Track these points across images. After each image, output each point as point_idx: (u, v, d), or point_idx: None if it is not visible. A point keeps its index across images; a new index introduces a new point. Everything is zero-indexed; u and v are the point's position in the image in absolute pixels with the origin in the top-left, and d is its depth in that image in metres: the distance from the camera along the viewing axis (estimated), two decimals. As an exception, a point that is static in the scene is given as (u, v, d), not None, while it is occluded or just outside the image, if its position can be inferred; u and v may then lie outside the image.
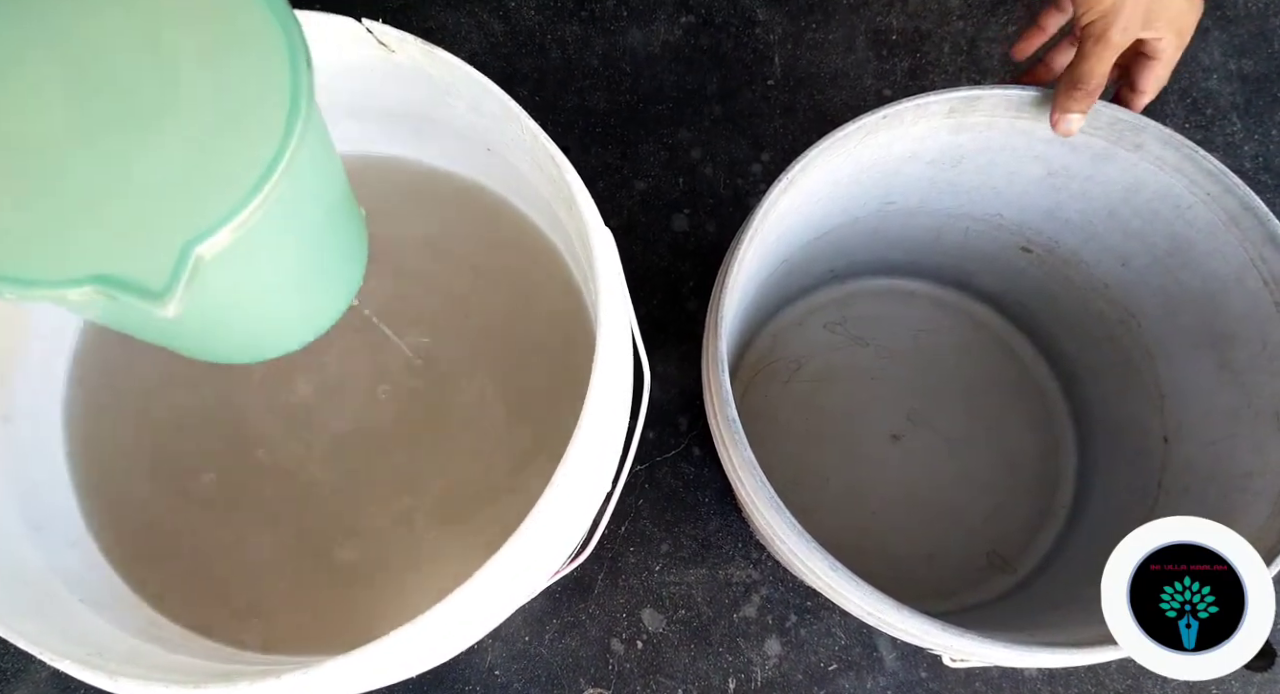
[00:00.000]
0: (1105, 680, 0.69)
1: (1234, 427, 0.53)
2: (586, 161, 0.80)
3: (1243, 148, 0.81)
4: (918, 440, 0.71)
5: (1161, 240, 0.57)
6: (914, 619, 0.42)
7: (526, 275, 0.57)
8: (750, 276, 0.55)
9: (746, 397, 0.72)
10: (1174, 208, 0.54)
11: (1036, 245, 0.65)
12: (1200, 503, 0.54)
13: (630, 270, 0.49)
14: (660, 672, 0.69)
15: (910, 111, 0.51)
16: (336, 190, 0.33)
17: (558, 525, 0.41)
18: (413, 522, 0.53)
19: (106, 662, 0.35)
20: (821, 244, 0.66)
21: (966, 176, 0.59)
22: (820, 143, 0.50)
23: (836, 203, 0.60)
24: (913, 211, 0.65)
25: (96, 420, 0.51)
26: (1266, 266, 0.51)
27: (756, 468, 0.46)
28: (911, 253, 0.72)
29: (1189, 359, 0.58)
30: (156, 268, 0.24)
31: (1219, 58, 0.84)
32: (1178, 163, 0.51)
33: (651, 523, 0.72)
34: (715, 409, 0.49)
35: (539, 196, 0.50)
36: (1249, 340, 0.52)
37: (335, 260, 0.35)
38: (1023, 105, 0.52)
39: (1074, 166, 0.56)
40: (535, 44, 0.83)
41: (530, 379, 0.57)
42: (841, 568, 0.43)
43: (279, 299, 0.32)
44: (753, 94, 0.82)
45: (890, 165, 0.57)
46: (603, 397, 0.39)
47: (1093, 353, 0.69)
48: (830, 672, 0.69)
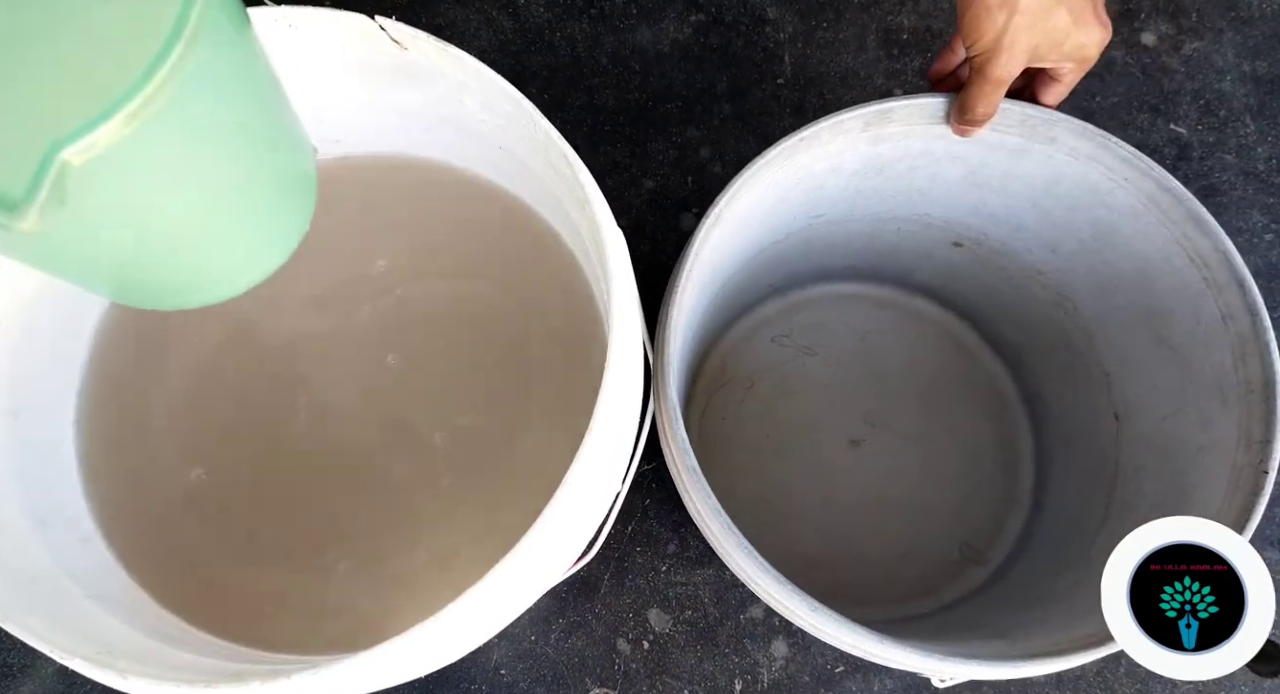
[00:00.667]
0: (1114, 685, 0.68)
1: (1180, 402, 0.54)
2: (595, 160, 0.80)
3: (1256, 150, 0.81)
4: (877, 442, 0.71)
5: (1086, 226, 0.58)
6: (897, 649, 0.42)
7: (537, 274, 0.57)
8: (691, 310, 0.56)
9: (704, 420, 0.71)
10: (1094, 194, 0.55)
11: (967, 240, 0.66)
12: (1157, 481, 0.55)
13: (638, 270, 0.49)
14: (666, 672, 0.69)
15: (827, 131, 0.51)
16: (259, 109, 0.30)
17: (569, 526, 0.41)
18: (423, 522, 0.53)
19: (117, 660, 0.35)
20: (757, 263, 0.66)
21: (890, 183, 0.60)
22: (742, 173, 0.50)
23: (767, 224, 0.60)
24: (842, 220, 0.65)
25: (108, 417, 0.51)
26: (1190, 244, 0.51)
27: (723, 514, 0.45)
28: (848, 258, 0.72)
29: (1127, 337, 0.59)
30: (16, 173, 0.21)
31: (1233, 59, 0.83)
32: (1092, 152, 0.52)
33: (658, 522, 0.72)
34: (674, 458, 0.49)
35: (551, 196, 0.50)
36: (1183, 316, 0.54)
37: (259, 192, 0.31)
38: (935, 112, 0.52)
39: (992, 163, 0.57)
40: (544, 41, 0.83)
41: (541, 377, 0.56)
42: (822, 608, 0.43)
43: (184, 229, 0.29)
44: (762, 93, 0.82)
45: (814, 181, 0.58)
46: (616, 397, 0.38)
47: (1035, 337, 0.70)
48: (837, 674, 0.69)
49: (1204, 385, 0.52)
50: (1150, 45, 0.84)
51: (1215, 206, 0.76)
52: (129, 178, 0.24)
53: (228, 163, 0.29)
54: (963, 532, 0.69)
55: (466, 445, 0.55)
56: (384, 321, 0.56)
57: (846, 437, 0.71)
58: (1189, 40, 0.84)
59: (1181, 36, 0.84)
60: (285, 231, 0.34)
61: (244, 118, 0.29)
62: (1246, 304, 0.49)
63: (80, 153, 0.22)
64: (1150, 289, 0.56)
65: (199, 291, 0.33)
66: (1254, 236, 0.79)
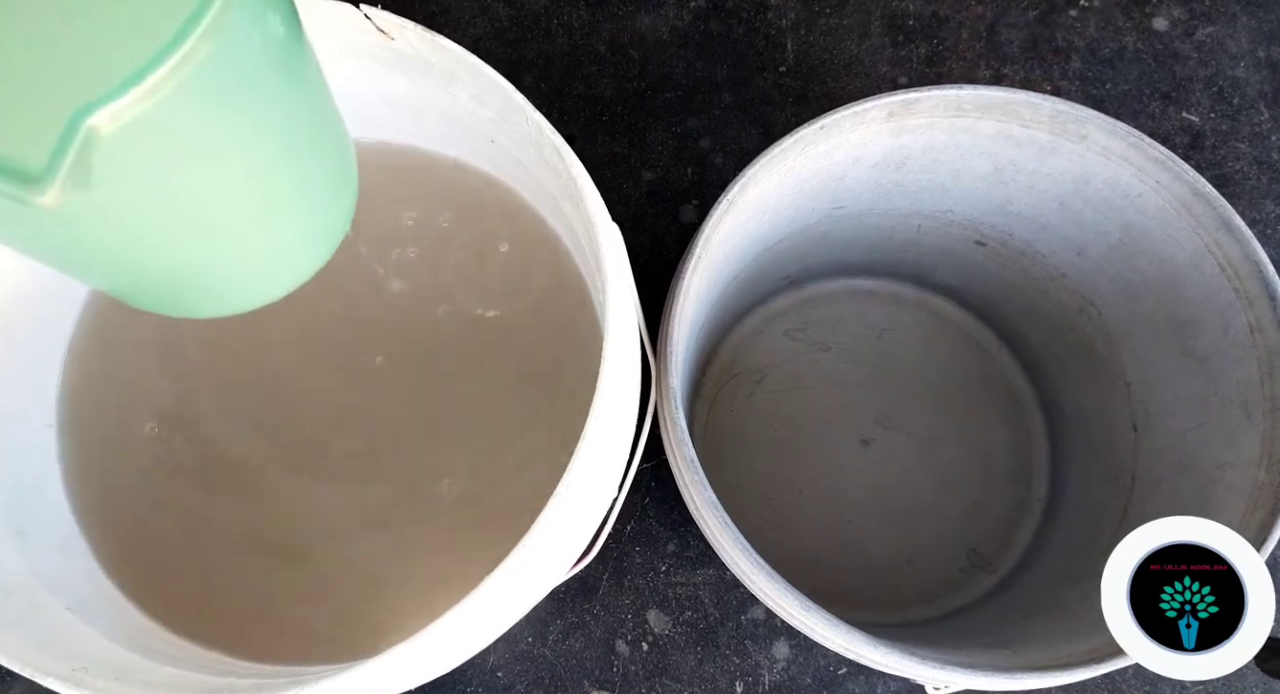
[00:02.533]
0: (1122, 687, 0.67)
1: (1203, 415, 0.53)
2: (593, 151, 0.78)
3: (1270, 138, 0.79)
4: (888, 443, 0.70)
5: (1115, 229, 0.56)
6: (892, 654, 0.41)
7: (531, 270, 0.55)
8: (700, 299, 0.54)
9: (711, 414, 0.70)
10: (1124, 197, 0.53)
11: (990, 239, 0.65)
12: (1175, 496, 0.53)
13: (637, 263, 0.47)
14: (666, 674, 0.67)
15: (848, 119, 0.50)
16: (302, 92, 0.27)
17: (565, 530, 0.40)
18: (416, 527, 0.52)
19: (94, 679, 0.33)
20: (772, 254, 0.65)
21: (913, 177, 0.59)
22: (758, 159, 0.48)
23: (783, 214, 0.59)
24: (862, 214, 0.64)
25: (88, 420, 0.50)
26: (1221, 252, 0.50)
27: (719, 507, 0.44)
28: (866, 253, 0.70)
29: (1152, 346, 0.58)
30: (37, 142, 0.19)
31: (1247, 45, 0.81)
32: (1124, 152, 0.51)
33: (658, 522, 0.70)
34: (674, 449, 0.47)
35: (544, 191, 0.49)
36: (1210, 326, 0.52)
37: (301, 182, 0.28)
38: (963, 104, 0.50)
39: (1020, 160, 0.55)
40: (541, 29, 0.81)
41: (536, 374, 0.55)
42: (815, 607, 0.42)
43: (220, 218, 0.26)
44: (764, 81, 0.80)
45: (834, 172, 0.56)
46: (611, 397, 0.37)
47: (1056, 342, 0.68)
48: (840, 675, 0.67)
49: (1229, 400, 0.50)
50: (1162, 31, 0.82)
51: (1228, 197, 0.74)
52: (161, 151, 0.22)
53: (269, 143, 0.26)
54: (971, 538, 0.67)
55: (461, 446, 0.53)
56: (374, 321, 0.55)
57: (857, 436, 0.70)
58: (1202, 25, 0.82)
59: (1194, 21, 0.82)
60: (324, 231, 0.31)
61: (288, 93, 0.26)
62: (1277, 317, 0.47)
63: (110, 119, 0.20)
64: (1178, 297, 0.54)
65: (228, 294, 0.30)
66: (1268, 227, 0.78)
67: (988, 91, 0.50)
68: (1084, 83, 0.81)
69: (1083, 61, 0.81)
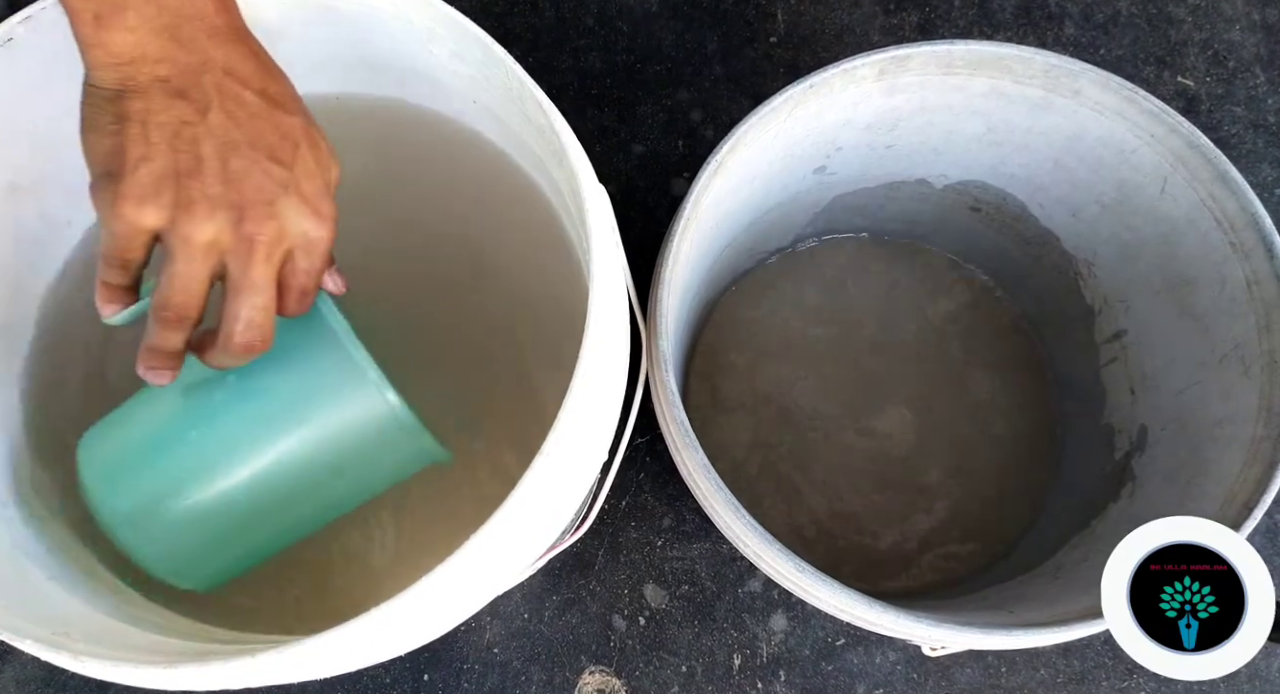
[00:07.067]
0: (1120, 652, 0.67)
1: (1200, 373, 0.52)
2: (582, 125, 0.77)
3: (1266, 101, 0.78)
4: (885, 413, 0.69)
5: (1109, 188, 0.55)
6: (887, 613, 0.41)
7: (520, 231, 0.54)
8: (691, 266, 0.54)
9: (704, 387, 0.70)
10: (1118, 153, 0.53)
11: (985, 203, 0.64)
12: (1173, 455, 0.53)
13: (629, 237, 0.47)
14: (663, 648, 0.67)
15: (838, 77, 0.49)
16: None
17: (548, 500, 0.39)
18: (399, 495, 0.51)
19: (73, 642, 0.33)
20: (764, 222, 0.64)
21: (905, 139, 0.58)
22: (747, 119, 0.47)
23: (774, 180, 0.58)
24: (855, 179, 0.63)
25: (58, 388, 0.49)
26: (1218, 206, 0.49)
27: (711, 471, 0.44)
28: (860, 220, 0.70)
29: (1149, 306, 0.57)
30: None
31: (1242, 7, 0.80)
32: (1118, 106, 0.50)
33: (653, 497, 0.70)
34: (664, 410, 0.47)
35: (530, 151, 0.48)
36: (1208, 282, 0.51)
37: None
38: (954, 60, 0.50)
39: (1013, 119, 0.54)
40: (528, 2, 0.80)
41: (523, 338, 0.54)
42: (809, 568, 0.42)
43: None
44: (755, 52, 0.79)
45: (825, 135, 0.55)
46: (596, 360, 0.36)
47: (1052, 306, 0.67)
48: (838, 646, 0.67)
49: (1226, 355, 0.50)
50: (1156, -6, 0.81)
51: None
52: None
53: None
54: (969, 508, 0.67)
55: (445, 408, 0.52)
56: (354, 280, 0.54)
57: (854, 406, 0.69)
58: (1196, -12, 0.81)
59: (1188, -15, 0.81)
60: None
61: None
62: (1274, 270, 0.46)
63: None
64: (1174, 255, 0.53)
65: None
66: (1264, 191, 0.77)
67: (980, 46, 0.50)
68: (1078, 49, 0.80)
69: (1076, 27, 0.80)
